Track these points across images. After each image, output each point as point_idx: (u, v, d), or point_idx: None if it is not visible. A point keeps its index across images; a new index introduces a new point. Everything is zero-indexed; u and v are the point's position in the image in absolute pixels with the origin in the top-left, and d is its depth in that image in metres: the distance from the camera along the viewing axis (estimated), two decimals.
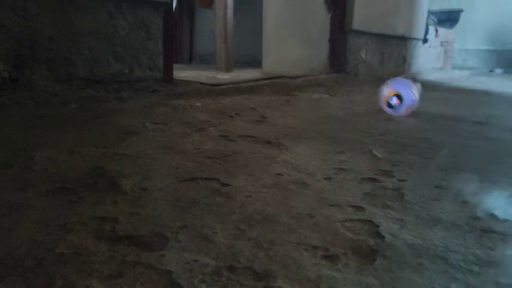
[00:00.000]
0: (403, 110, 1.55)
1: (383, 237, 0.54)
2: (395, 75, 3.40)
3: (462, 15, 4.89)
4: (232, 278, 0.44)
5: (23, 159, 0.81)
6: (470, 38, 5.90)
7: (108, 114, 1.32)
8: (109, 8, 1.60)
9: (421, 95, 1.66)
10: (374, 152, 1.00)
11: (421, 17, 3.67)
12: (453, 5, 5.28)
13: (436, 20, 4.19)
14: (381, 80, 3.12)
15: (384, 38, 3.28)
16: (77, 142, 0.97)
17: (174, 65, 2.01)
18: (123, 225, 0.56)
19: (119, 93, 1.62)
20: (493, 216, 0.63)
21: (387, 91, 1.59)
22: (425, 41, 3.86)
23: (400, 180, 0.79)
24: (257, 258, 0.48)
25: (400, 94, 1.53)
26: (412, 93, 1.55)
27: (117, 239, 0.52)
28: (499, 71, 5.40)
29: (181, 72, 2.61)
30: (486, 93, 2.76)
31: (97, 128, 1.13)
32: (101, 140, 1.00)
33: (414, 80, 1.73)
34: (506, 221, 0.61)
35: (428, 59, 4.20)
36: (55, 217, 0.57)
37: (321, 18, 2.88)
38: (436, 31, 4.21)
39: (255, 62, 3.64)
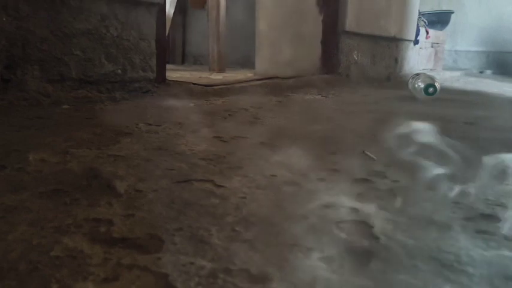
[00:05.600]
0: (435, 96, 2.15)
1: (377, 238, 0.55)
2: (387, 76, 3.41)
3: (452, 17, 4.94)
4: (228, 281, 0.44)
5: (16, 161, 0.81)
6: (460, 39, 5.95)
7: (101, 115, 1.32)
8: (101, 9, 1.59)
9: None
10: (366, 152, 1.01)
11: (412, 19, 3.70)
12: (443, 7, 5.33)
13: (426, 22, 4.22)
14: (373, 81, 3.15)
15: (376, 39, 3.30)
16: (70, 143, 0.96)
17: (167, 66, 2.00)
18: (119, 227, 0.56)
19: (111, 94, 1.62)
20: (486, 216, 0.64)
21: (422, 82, 2.18)
22: (416, 42, 3.89)
23: (393, 181, 0.80)
24: (253, 260, 0.48)
25: (434, 84, 2.12)
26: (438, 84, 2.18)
27: (113, 241, 0.52)
28: (488, 72, 5.46)
29: (174, 73, 2.61)
30: (476, 94, 2.80)
31: (90, 129, 1.12)
32: (95, 141, 1.00)
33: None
34: (499, 221, 0.62)
35: (420, 60, 4.23)
36: (50, 219, 0.57)
37: (313, 20, 2.89)
38: (427, 32, 4.24)
39: (248, 63, 3.64)
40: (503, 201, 0.70)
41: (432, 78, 2.21)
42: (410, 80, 2.39)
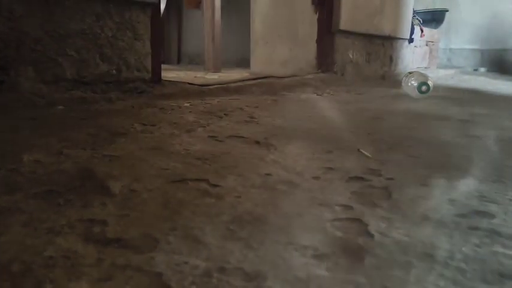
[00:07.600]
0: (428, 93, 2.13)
1: (371, 235, 0.55)
2: (382, 75, 3.42)
3: (447, 15, 4.95)
4: (222, 279, 0.44)
5: (10, 162, 0.80)
6: (455, 37, 5.97)
7: (96, 116, 1.31)
8: (96, 9, 1.59)
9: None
10: (361, 151, 1.01)
11: (407, 17, 3.71)
12: (438, 5, 5.34)
13: (421, 20, 4.24)
14: (368, 80, 3.16)
15: (371, 37, 3.31)
16: (64, 144, 0.96)
17: (163, 66, 2.00)
18: (113, 227, 0.55)
19: (106, 95, 1.61)
20: (479, 213, 0.64)
21: (416, 81, 2.17)
22: (411, 40, 3.90)
23: (387, 179, 0.80)
24: (247, 259, 0.49)
25: (427, 82, 2.11)
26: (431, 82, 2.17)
27: (107, 241, 0.52)
28: (482, 69, 5.49)
29: (169, 73, 2.60)
30: (470, 92, 2.81)
31: (85, 129, 1.12)
32: (89, 141, 1.00)
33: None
34: (493, 217, 0.62)
35: (414, 58, 4.25)
36: (43, 220, 0.57)
37: (308, 19, 2.89)
38: (422, 31, 4.25)
39: (243, 62, 3.64)
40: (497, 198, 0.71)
41: (425, 77, 2.21)
42: (403, 79, 2.39)
